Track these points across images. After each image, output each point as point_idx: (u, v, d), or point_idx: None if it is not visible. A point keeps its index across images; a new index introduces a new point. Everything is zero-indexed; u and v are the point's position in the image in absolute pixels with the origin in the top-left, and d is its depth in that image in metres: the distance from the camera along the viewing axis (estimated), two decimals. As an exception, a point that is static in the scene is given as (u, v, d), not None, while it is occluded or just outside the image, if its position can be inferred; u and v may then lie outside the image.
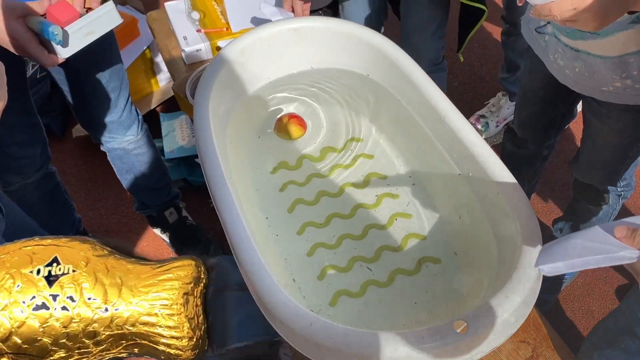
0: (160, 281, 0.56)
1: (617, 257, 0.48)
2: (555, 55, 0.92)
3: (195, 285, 0.58)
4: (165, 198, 1.45)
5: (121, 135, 1.25)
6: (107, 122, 1.20)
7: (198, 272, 0.59)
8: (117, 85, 1.16)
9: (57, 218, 1.36)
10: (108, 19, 0.79)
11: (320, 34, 1.06)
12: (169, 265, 0.57)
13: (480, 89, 1.95)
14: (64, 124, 1.93)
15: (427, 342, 0.61)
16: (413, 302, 0.85)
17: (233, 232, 0.75)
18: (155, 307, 0.55)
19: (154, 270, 0.57)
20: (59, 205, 1.34)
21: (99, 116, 1.18)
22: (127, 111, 1.22)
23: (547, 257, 0.53)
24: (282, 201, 1.00)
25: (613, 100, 0.89)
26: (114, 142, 1.26)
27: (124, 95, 1.19)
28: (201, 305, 0.59)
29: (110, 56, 1.11)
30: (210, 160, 0.84)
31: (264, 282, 0.69)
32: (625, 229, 0.49)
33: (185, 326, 0.56)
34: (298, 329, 0.64)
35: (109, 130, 1.22)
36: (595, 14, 0.65)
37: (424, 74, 0.96)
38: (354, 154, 1.06)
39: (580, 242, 0.51)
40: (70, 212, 1.38)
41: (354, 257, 0.91)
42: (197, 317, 0.58)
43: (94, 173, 1.77)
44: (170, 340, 0.55)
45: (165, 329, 0.55)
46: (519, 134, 1.21)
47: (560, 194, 1.59)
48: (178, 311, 0.55)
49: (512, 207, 0.76)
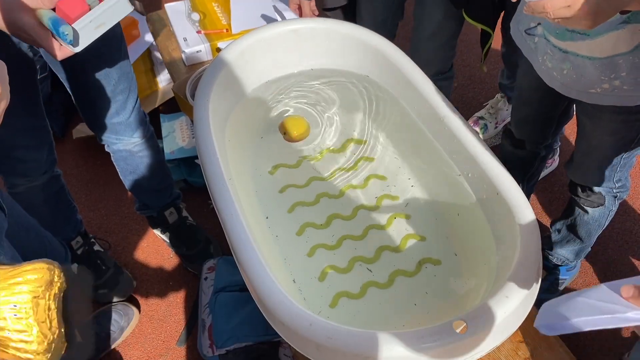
0: (10, 285, 0.55)
1: (625, 318, 0.45)
2: (544, 57, 0.92)
3: (47, 289, 0.57)
4: (166, 199, 1.45)
5: (128, 137, 1.24)
6: (114, 124, 1.19)
7: (51, 276, 0.58)
8: (126, 87, 1.15)
9: (61, 219, 1.36)
10: (118, 9, 0.78)
11: (320, 35, 1.07)
12: (20, 269, 0.57)
13: (479, 90, 1.95)
14: (65, 125, 1.93)
15: (426, 341, 0.62)
16: (413, 304, 0.85)
17: (233, 233, 0.75)
18: (3, 311, 0.54)
19: (5, 274, 0.56)
20: (63, 207, 1.34)
21: (106, 117, 1.17)
22: (135, 113, 1.21)
23: (548, 315, 0.50)
24: (281, 202, 1.00)
25: (601, 102, 0.89)
26: (119, 144, 1.25)
27: (133, 97, 1.18)
28: (55, 309, 0.58)
29: (119, 57, 1.10)
30: (210, 161, 0.85)
31: (264, 282, 0.69)
32: (632, 288, 0.46)
33: (34, 330, 0.55)
34: (297, 329, 0.64)
35: (115, 131, 1.21)
36: (588, 12, 0.65)
37: (423, 75, 0.96)
38: (353, 155, 1.07)
39: (585, 300, 0.48)
40: (74, 214, 1.38)
41: (354, 258, 0.91)
42: (50, 321, 0.57)
43: (95, 174, 1.77)
44: (19, 344, 0.54)
45: (13, 332, 0.54)
46: (517, 135, 1.21)
47: (560, 194, 1.59)
48: (27, 315, 0.54)
49: (511, 207, 0.77)
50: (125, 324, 1.38)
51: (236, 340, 1.17)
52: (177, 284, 1.49)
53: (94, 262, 1.42)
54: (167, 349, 1.36)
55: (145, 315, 1.43)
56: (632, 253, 1.44)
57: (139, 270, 1.53)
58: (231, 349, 1.17)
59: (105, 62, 1.08)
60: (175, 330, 1.39)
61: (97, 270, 1.41)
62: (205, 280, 1.32)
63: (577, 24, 0.67)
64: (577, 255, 1.30)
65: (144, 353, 1.36)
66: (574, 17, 0.66)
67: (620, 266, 1.42)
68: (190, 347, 1.35)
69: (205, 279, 1.32)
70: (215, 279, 1.30)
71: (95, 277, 1.39)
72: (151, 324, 1.41)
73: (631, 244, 1.46)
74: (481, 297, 0.77)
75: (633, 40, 0.79)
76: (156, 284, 1.49)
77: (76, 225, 1.40)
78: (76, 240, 1.41)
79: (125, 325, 1.38)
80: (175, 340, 1.37)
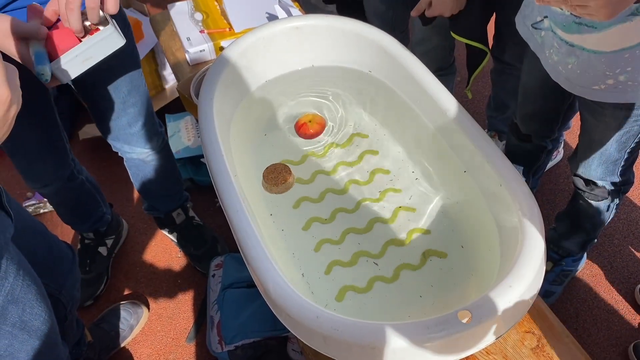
0: None
1: None
2: (550, 51, 0.92)
3: None
4: (176, 203, 1.47)
5: (140, 147, 1.25)
6: (126, 134, 1.20)
7: None
8: (136, 100, 1.16)
9: (79, 218, 1.41)
10: (109, 43, 0.79)
11: (322, 32, 1.07)
12: None
13: (482, 84, 1.95)
14: (71, 126, 1.95)
15: (432, 332, 0.62)
16: (418, 296, 0.85)
17: (239, 229, 0.76)
18: None
19: None
20: (80, 208, 1.38)
21: (118, 128, 1.19)
22: (148, 125, 1.22)
23: None
24: (287, 198, 1.01)
25: (604, 99, 0.89)
26: (132, 153, 1.27)
27: (145, 110, 1.19)
28: None
29: (128, 71, 1.11)
30: (216, 159, 0.86)
31: (271, 276, 0.70)
32: None
33: None
34: (304, 321, 0.65)
35: (128, 142, 1.22)
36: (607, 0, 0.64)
37: (426, 69, 0.97)
38: (357, 149, 1.07)
39: None
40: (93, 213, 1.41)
41: (358, 252, 0.92)
42: None
43: (102, 175, 1.79)
44: None
45: None
46: (523, 130, 1.21)
47: (565, 186, 1.59)
48: None
49: (515, 200, 0.77)
50: (135, 322, 1.39)
51: (244, 336, 1.18)
52: (185, 282, 1.50)
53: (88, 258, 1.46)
54: (176, 346, 1.37)
55: (155, 313, 1.44)
56: (638, 243, 1.44)
57: (147, 269, 1.54)
58: (240, 345, 1.18)
59: (115, 76, 1.09)
60: (184, 327, 1.40)
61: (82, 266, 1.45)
62: (213, 277, 1.33)
63: (596, 12, 0.66)
64: (583, 248, 1.30)
65: (154, 351, 1.37)
66: (593, 6, 0.65)
67: (626, 257, 1.42)
68: (200, 344, 1.36)
69: (213, 276, 1.33)
70: (223, 275, 1.31)
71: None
72: (160, 322, 1.43)
73: (637, 235, 1.46)
74: (486, 288, 0.77)
75: (639, 34, 0.78)
76: (164, 283, 1.51)
77: (93, 224, 1.43)
78: (87, 234, 1.46)
79: (135, 324, 1.39)
80: (184, 338, 1.38)
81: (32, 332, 0.76)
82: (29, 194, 1.75)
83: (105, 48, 0.79)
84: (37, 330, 0.76)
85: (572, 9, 0.69)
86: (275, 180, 0.92)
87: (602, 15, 0.66)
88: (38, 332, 0.76)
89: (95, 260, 1.47)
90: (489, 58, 1.20)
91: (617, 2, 0.64)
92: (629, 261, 1.41)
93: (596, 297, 1.36)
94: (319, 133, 1.09)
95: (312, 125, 1.08)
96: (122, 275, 1.53)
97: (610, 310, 1.33)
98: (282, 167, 0.94)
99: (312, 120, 1.08)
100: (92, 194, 1.39)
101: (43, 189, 1.24)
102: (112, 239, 1.52)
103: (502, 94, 1.49)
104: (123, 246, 1.60)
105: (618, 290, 1.37)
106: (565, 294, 1.37)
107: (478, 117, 1.80)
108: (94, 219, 1.43)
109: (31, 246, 0.97)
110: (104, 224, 1.47)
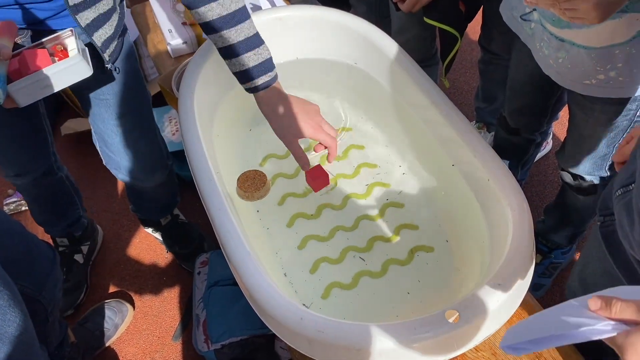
0: None
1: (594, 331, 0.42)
2: (540, 44, 0.90)
3: None
4: (166, 212, 1.44)
5: (140, 182, 1.23)
6: (128, 167, 1.18)
7: None
8: (147, 142, 1.14)
9: (53, 217, 1.36)
10: (74, 71, 0.77)
11: (306, 23, 1.05)
12: None
13: (470, 75, 1.94)
14: (54, 122, 1.91)
15: (418, 332, 0.61)
16: (406, 292, 0.84)
17: (221, 228, 0.74)
18: None
19: None
20: (56, 206, 1.34)
21: (121, 161, 1.16)
22: (151, 160, 1.19)
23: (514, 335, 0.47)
24: (272, 194, 0.98)
25: (595, 94, 0.87)
26: (135, 182, 1.24)
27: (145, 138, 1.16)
28: None
29: (139, 112, 1.10)
30: (197, 155, 0.83)
31: (254, 277, 0.68)
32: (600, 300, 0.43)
33: None
34: (288, 323, 0.63)
35: (129, 173, 1.20)
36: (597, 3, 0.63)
37: (412, 61, 0.95)
38: (344, 144, 1.05)
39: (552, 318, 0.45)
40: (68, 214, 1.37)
41: (346, 248, 0.90)
42: None
43: (85, 170, 1.75)
44: None
45: None
46: (511, 124, 1.19)
47: (553, 178, 1.58)
48: None
49: (503, 193, 0.76)
50: (120, 321, 1.37)
51: (231, 334, 1.16)
52: (171, 279, 1.47)
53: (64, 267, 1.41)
54: (162, 345, 1.35)
55: (140, 311, 1.42)
56: (627, 235, 1.44)
57: (132, 266, 1.51)
58: (226, 343, 1.16)
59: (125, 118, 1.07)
60: (170, 326, 1.38)
61: None
62: (199, 274, 1.31)
63: (586, 15, 0.65)
64: (571, 241, 1.30)
65: (139, 349, 1.35)
66: (582, 9, 0.64)
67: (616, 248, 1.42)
68: (186, 342, 1.34)
69: (199, 274, 1.31)
70: (209, 273, 1.29)
71: None
72: (146, 320, 1.40)
73: (626, 226, 1.46)
74: (474, 284, 0.76)
75: (630, 30, 0.77)
76: (150, 280, 1.48)
77: (68, 226, 1.39)
78: (61, 240, 1.41)
79: (120, 322, 1.37)
80: (170, 336, 1.36)
81: (4, 339, 0.73)
82: (10, 191, 1.71)
83: (71, 75, 0.77)
84: (10, 337, 0.74)
85: (561, 12, 0.68)
86: (255, 185, 0.88)
87: (592, 19, 0.66)
88: (11, 339, 0.74)
89: (72, 269, 1.43)
90: (460, 44, 1.17)
91: (607, 4, 0.63)
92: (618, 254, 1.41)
93: (585, 289, 1.36)
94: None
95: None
96: (107, 273, 1.50)
97: (599, 302, 1.33)
98: (254, 172, 0.90)
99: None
100: (70, 194, 1.35)
101: (18, 179, 1.20)
102: (88, 245, 1.48)
103: (490, 84, 1.47)
104: (105, 244, 1.56)
105: (607, 284, 1.36)
106: (554, 287, 1.37)
107: (466, 108, 1.78)
108: (69, 220, 1.38)
109: (9, 247, 0.94)
110: (80, 228, 1.42)
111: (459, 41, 1.16)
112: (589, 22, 0.67)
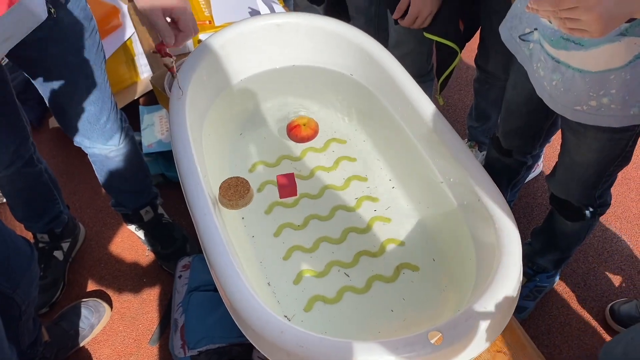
0: None
1: None
2: (537, 65, 0.89)
3: None
4: (143, 200, 1.41)
5: (102, 144, 1.19)
6: (87, 131, 1.14)
7: None
8: (97, 97, 1.10)
9: (34, 213, 1.33)
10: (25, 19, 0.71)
11: (304, 31, 1.04)
12: None
13: (465, 92, 1.94)
14: (41, 115, 1.88)
15: (401, 352, 0.59)
16: (389, 310, 0.83)
17: (204, 232, 0.72)
18: None
19: None
20: (36, 201, 1.31)
21: (78, 126, 1.13)
22: (110, 122, 1.16)
23: None
24: (260, 202, 0.97)
25: (585, 121, 0.86)
26: (94, 149, 1.21)
27: (106, 107, 1.13)
28: None
29: (87, 68, 1.05)
30: (185, 157, 0.81)
31: (235, 286, 0.66)
32: None
33: None
34: (268, 336, 0.61)
35: (89, 138, 1.16)
36: (600, 15, 0.61)
37: (409, 76, 0.94)
38: (335, 155, 1.04)
39: None
40: (48, 210, 1.34)
41: (331, 262, 0.89)
42: None
43: (70, 165, 1.72)
44: None
45: None
46: (504, 145, 1.19)
47: (542, 200, 1.58)
48: None
49: (492, 213, 0.75)
50: (96, 320, 1.34)
51: (209, 341, 1.14)
52: (151, 281, 1.45)
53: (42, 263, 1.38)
54: (138, 347, 1.32)
55: (117, 312, 1.39)
56: (612, 262, 1.44)
57: (112, 265, 1.49)
58: (203, 350, 1.14)
59: (72, 72, 1.02)
60: (148, 329, 1.35)
61: None
62: (180, 278, 1.28)
63: (587, 26, 0.63)
64: (556, 266, 1.29)
65: (114, 352, 1.32)
66: (585, 21, 0.63)
67: (599, 275, 1.42)
68: (163, 346, 1.32)
69: (180, 277, 1.28)
70: (190, 277, 1.27)
71: None
72: (123, 321, 1.37)
73: (611, 253, 1.46)
74: (459, 305, 0.75)
75: (627, 55, 0.76)
76: (130, 281, 1.45)
77: (48, 222, 1.36)
78: (41, 236, 1.38)
79: (96, 322, 1.34)
80: (147, 340, 1.33)
81: None
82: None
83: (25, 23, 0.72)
84: None
85: (561, 23, 0.66)
86: (239, 193, 0.84)
87: (594, 32, 0.64)
88: None
89: (51, 265, 1.39)
90: (459, 58, 1.17)
91: (610, 17, 0.62)
92: (601, 279, 1.41)
93: (568, 314, 1.35)
94: (310, 138, 1.05)
95: (305, 129, 1.04)
96: (85, 272, 1.47)
97: (582, 328, 1.32)
98: (236, 180, 0.86)
99: (307, 125, 1.05)
100: (50, 188, 1.33)
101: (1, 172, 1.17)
102: (69, 242, 1.45)
103: (484, 103, 1.47)
104: (87, 241, 1.54)
105: (590, 309, 1.36)
106: (537, 310, 1.36)
107: (458, 126, 1.78)
108: (50, 217, 1.36)
109: None
110: (60, 225, 1.40)
111: (458, 55, 1.16)
112: (589, 36, 0.65)
